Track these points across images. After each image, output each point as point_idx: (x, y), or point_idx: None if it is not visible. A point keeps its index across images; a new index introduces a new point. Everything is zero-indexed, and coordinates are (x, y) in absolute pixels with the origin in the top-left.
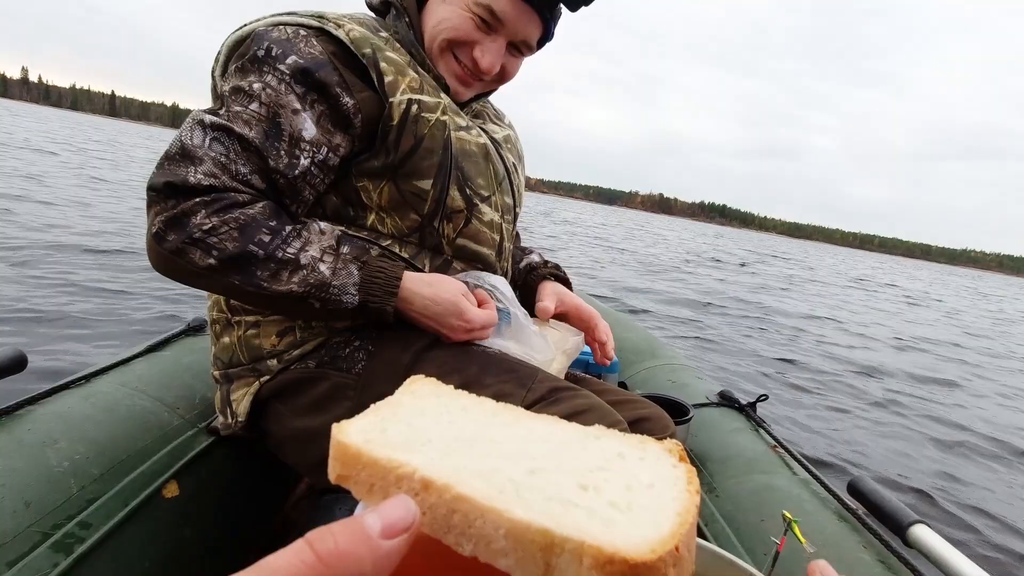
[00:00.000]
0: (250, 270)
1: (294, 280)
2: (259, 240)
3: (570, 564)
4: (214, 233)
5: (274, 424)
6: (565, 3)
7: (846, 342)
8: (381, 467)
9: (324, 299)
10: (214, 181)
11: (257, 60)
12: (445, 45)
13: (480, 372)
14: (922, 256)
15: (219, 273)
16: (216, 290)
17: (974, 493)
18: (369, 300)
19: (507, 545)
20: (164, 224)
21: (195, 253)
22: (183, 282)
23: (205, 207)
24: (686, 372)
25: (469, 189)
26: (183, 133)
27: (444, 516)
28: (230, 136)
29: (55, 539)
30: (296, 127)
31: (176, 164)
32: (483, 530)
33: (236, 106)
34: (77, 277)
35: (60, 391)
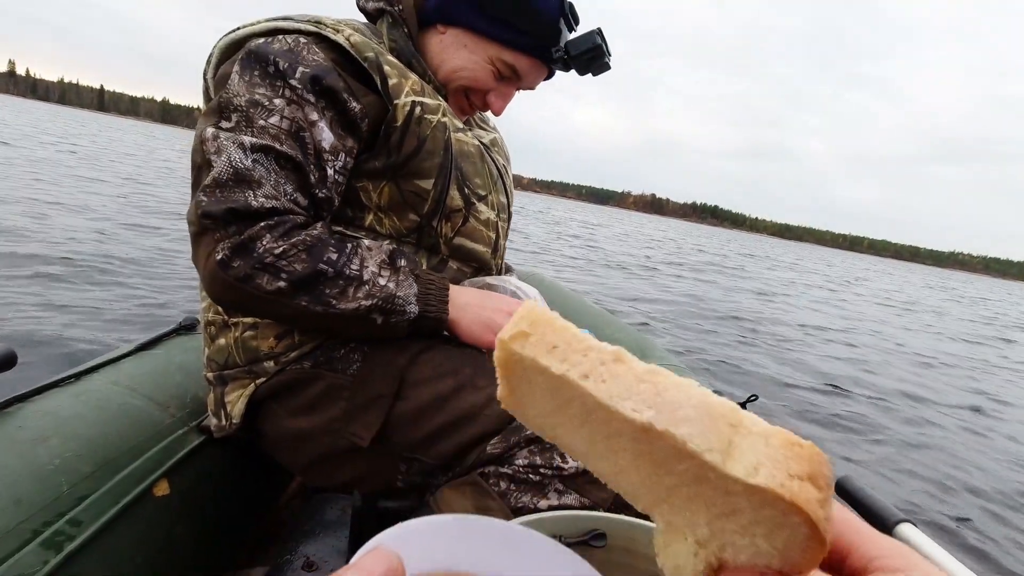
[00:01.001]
0: (318, 289)
1: (360, 295)
2: (328, 259)
3: (755, 443)
4: (284, 257)
5: (268, 424)
6: (578, 73)
7: (836, 342)
8: (572, 334)
9: (388, 311)
10: (276, 203)
11: (268, 75)
12: (460, 89)
13: (474, 373)
14: (911, 258)
15: (287, 296)
16: (278, 314)
17: (963, 492)
18: (427, 310)
19: (694, 413)
20: (230, 251)
21: (263, 278)
22: (244, 309)
23: (270, 231)
24: (677, 373)
25: (467, 188)
26: (231, 156)
27: (629, 383)
28: (269, 155)
29: (45, 536)
30: (317, 138)
31: (230, 190)
32: (674, 397)
33: (259, 120)
34: (68, 274)
35: (50, 388)
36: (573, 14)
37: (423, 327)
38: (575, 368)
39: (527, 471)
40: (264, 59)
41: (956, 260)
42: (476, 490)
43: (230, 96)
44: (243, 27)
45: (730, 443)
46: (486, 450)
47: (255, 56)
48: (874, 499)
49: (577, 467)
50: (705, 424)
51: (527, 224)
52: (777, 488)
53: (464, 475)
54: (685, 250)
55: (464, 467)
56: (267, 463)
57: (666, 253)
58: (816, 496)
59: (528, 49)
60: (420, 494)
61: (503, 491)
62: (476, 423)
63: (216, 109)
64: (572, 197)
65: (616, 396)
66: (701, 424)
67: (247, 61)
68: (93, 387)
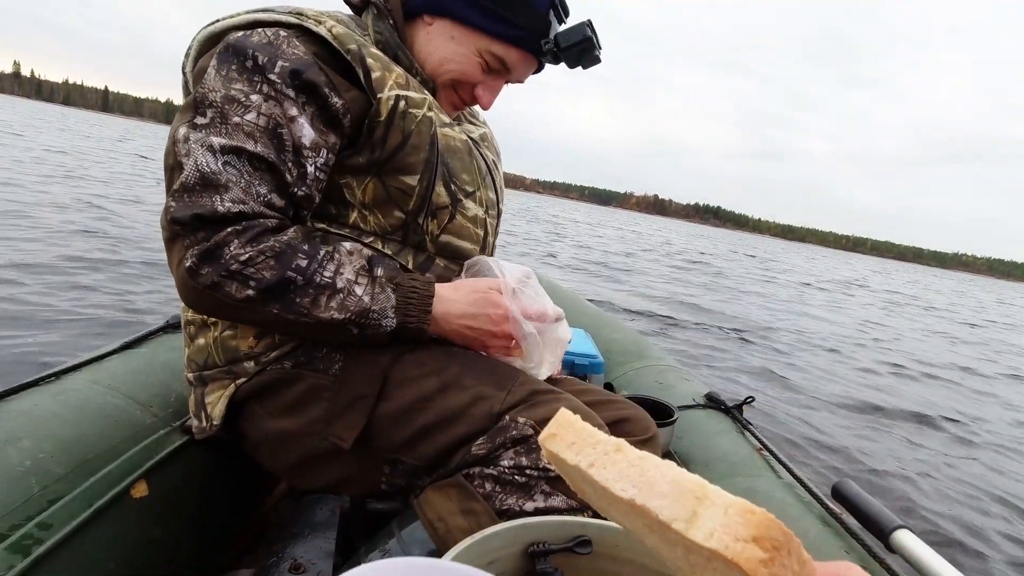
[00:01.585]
0: (289, 298)
1: (332, 305)
2: (296, 266)
3: (715, 513)
4: (251, 264)
5: (249, 426)
6: (568, 66)
7: (836, 344)
8: (588, 432)
9: (363, 324)
10: (243, 208)
11: (246, 70)
12: (448, 82)
13: (460, 373)
14: (914, 259)
15: (257, 304)
16: (253, 321)
17: (961, 500)
18: (407, 321)
19: (667, 490)
20: (198, 258)
21: (231, 286)
22: (217, 315)
23: (238, 236)
24: (674, 373)
25: (454, 185)
26: (197, 160)
27: (622, 468)
28: (240, 156)
29: (11, 540)
30: (297, 134)
31: (197, 195)
32: (654, 478)
33: (234, 117)
34: (55, 270)
35: (28, 388)
36: (563, 6)
37: (404, 338)
38: (585, 459)
39: (513, 472)
40: (242, 53)
41: (959, 261)
42: (461, 492)
43: (205, 91)
44: (222, 19)
45: (695, 513)
46: (471, 451)
47: (233, 50)
48: (871, 505)
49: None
50: (675, 498)
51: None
52: (723, 550)
53: (449, 476)
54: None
55: (449, 468)
56: (253, 465)
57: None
58: (758, 556)
59: (517, 41)
60: (405, 496)
61: (488, 493)
62: (461, 423)
63: (192, 105)
64: (574, 198)
65: (611, 479)
66: (672, 498)
67: (224, 55)
68: (73, 386)
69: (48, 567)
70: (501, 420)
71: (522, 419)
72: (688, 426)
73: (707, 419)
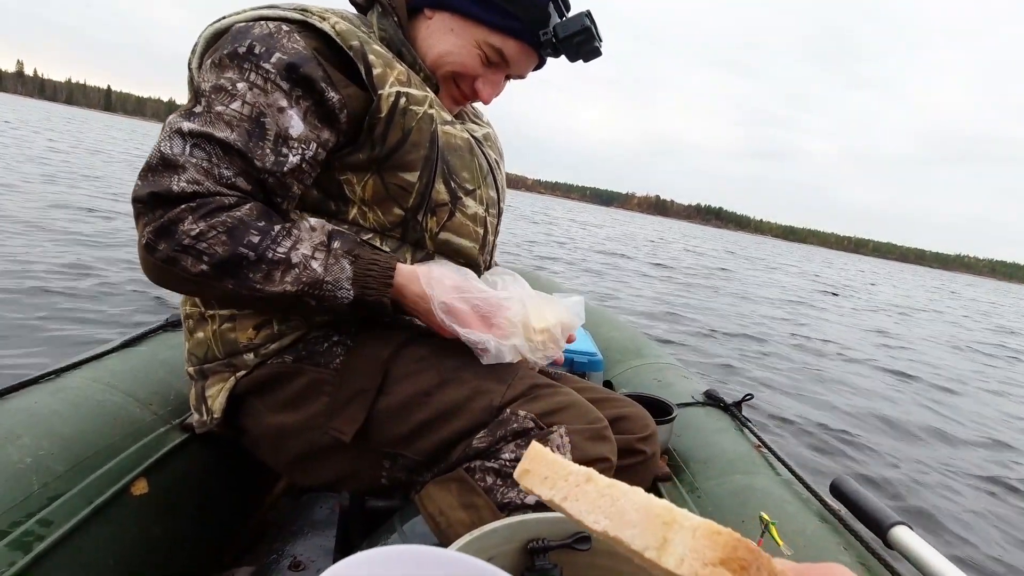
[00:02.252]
0: (242, 273)
1: (287, 280)
2: (248, 242)
3: (684, 537)
4: (203, 238)
5: (249, 421)
6: (568, 59)
7: (836, 341)
8: (559, 465)
9: (319, 296)
10: (197, 188)
11: (238, 57)
12: (448, 75)
13: (460, 367)
14: (916, 261)
15: (212, 279)
16: (212, 296)
17: (960, 496)
18: (366, 294)
19: (637, 518)
20: (153, 234)
21: (186, 260)
22: (179, 290)
23: (191, 213)
24: (673, 371)
25: (454, 182)
26: (162, 143)
27: (593, 500)
28: (210, 142)
29: (12, 537)
30: (283, 125)
31: (158, 175)
32: (623, 507)
33: (218, 106)
34: (54, 268)
35: (28, 386)
36: (564, 0)
37: (366, 310)
38: (558, 493)
39: (514, 465)
40: (240, 42)
41: (962, 263)
42: (462, 486)
43: (200, 82)
44: (229, 16)
45: (664, 539)
46: (472, 444)
47: (232, 39)
48: (869, 501)
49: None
50: (644, 526)
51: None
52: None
53: (450, 471)
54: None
55: (450, 463)
56: (254, 462)
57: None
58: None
59: (515, 32)
60: (406, 491)
61: (489, 486)
62: (461, 417)
63: (193, 96)
64: (576, 198)
65: (584, 512)
66: (641, 527)
67: (223, 45)
68: (72, 384)
69: (49, 564)
70: (502, 413)
71: (523, 412)
72: (687, 424)
73: (706, 417)
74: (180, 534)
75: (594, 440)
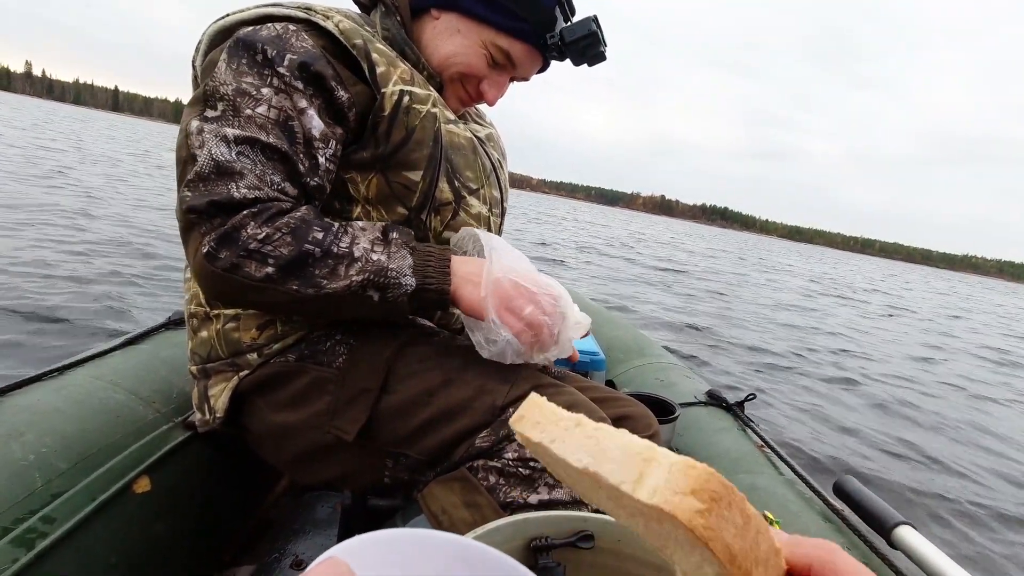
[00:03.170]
0: (307, 272)
1: (352, 272)
2: (313, 238)
3: (659, 472)
4: (268, 241)
5: (252, 419)
6: (573, 62)
7: (837, 343)
8: (551, 411)
9: (383, 286)
10: (258, 193)
11: (256, 64)
12: (455, 76)
13: (463, 366)
14: (923, 261)
15: (277, 282)
16: (272, 302)
17: (963, 494)
18: (427, 282)
19: (618, 455)
20: (216, 242)
21: (250, 265)
22: (237, 301)
23: (254, 219)
24: (675, 371)
25: (458, 181)
26: (211, 150)
27: (579, 440)
28: (254, 147)
29: (16, 534)
30: (307, 126)
31: (214, 183)
32: (607, 446)
33: (246, 110)
34: (56, 267)
35: (31, 383)
36: (569, 4)
37: (426, 301)
38: (547, 436)
39: (517, 465)
40: (252, 47)
41: (969, 263)
42: (464, 485)
43: (216, 85)
44: (232, 14)
45: (641, 475)
46: (475, 444)
47: (243, 44)
48: (873, 501)
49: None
50: (623, 462)
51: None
52: (662, 504)
53: (452, 470)
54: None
55: (452, 462)
56: (256, 460)
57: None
58: (695, 507)
59: (522, 34)
60: (408, 490)
61: (492, 485)
62: (464, 417)
63: (202, 98)
64: (581, 198)
65: (569, 452)
66: (620, 462)
67: (234, 49)
68: (75, 382)
69: (51, 560)
70: (505, 413)
71: None
72: (690, 423)
73: (709, 416)
74: (182, 532)
75: None
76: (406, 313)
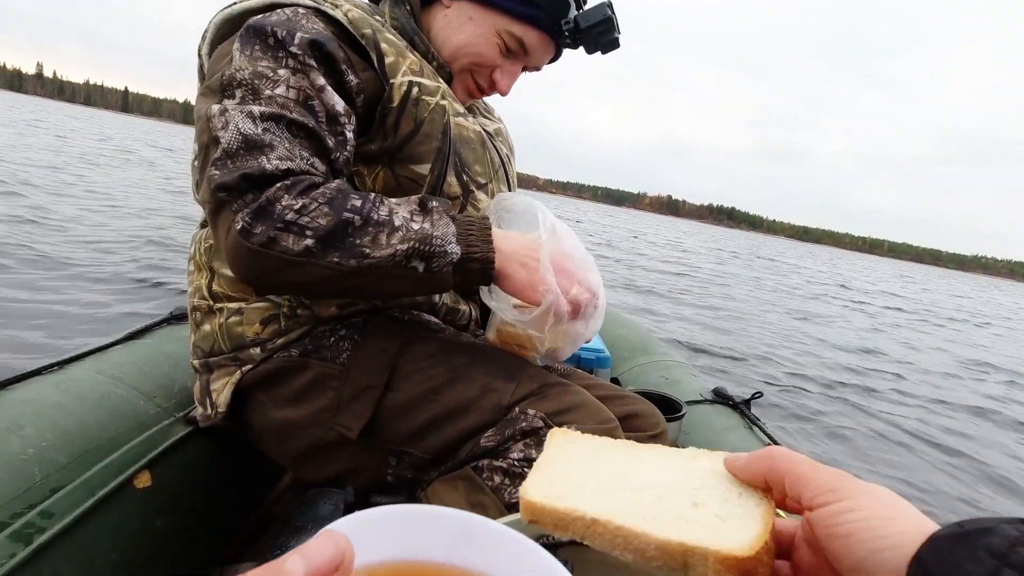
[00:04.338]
0: (348, 241)
1: (394, 241)
2: (352, 206)
3: (701, 564)
4: (305, 212)
5: (254, 415)
6: (587, 50)
7: (846, 341)
8: (560, 514)
9: (429, 254)
10: (290, 164)
11: (269, 48)
12: (466, 67)
13: (469, 364)
14: (932, 262)
15: (316, 255)
16: (311, 279)
17: (971, 498)
18: (471, 251)
19: (656, 555)
20: (251, 216)
21: (288, 239)
22: (274, 281)
23: (287, 191)
24: (680, 369)
25: (466, 175)
26: (239, 126)
27: (609, 539)
28: (280, 123)
29: (14, 528)
30: (328, 103)
31: (243, 157)
32: (640, 546)
33: (266, 91)
34: (59, 261)
35: (31, 377)
36: None
37: (470, 273)
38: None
39: (523, 465)
40: (262, 32)
41: (979, 264)
42: (469, 484)
43: (233, 72)
44: (239, 2)
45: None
46: (480, 443)
47: (254, 30)
48: None
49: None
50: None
51: None
52: None
53: (457, 469)
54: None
55: (457, 461)
56: (257, 456)
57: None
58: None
59: (536, 21)
60: (411, 489)
61: (497, 485)
62: (469, 416)
63: (218, 88)
64: (587, 198)
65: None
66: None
67: (246, 37)
68: (76, 376)
69: (50, 555)
70: (510, 412)
71: (532, 411)
72: (696, 421)
73: (715, 414)
74: (183, 528)
75: None
76: (448, 286)
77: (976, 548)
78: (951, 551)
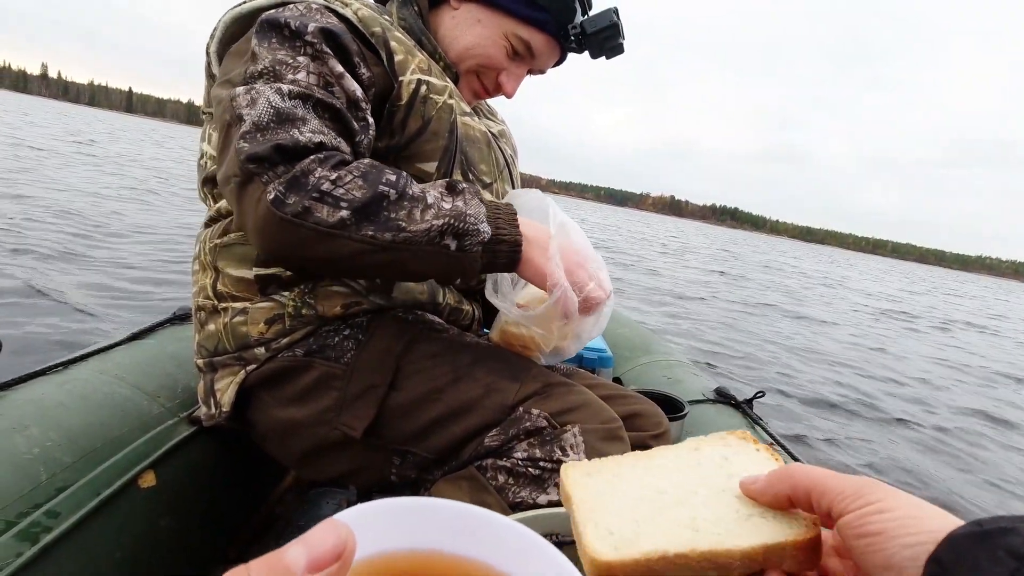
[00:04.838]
0: (383, 214)
1: (428, 215)
2: (387, 180)
3: (778, 557)
4: (340, 183)
5: (258, 414)
6: (592, 55)
7: (848, 342)
8: (640, 562)
9: (462, 232)
10: (323, 138)
11: (286, 39)
12: (473, 68)
13: (472, 364)
14: (936, 262)
15: (351, 227)
16: (341, 254)
17: (975, 498)
18: (499, 233)
19: (740, 563)
20: (284, 186)
21: (322, 209)
22: (301, 254)
23: (320, 164)
24: (682, 368)
25: (472, 175)
26: (269, 98)
27: (696, 567)
28: (307, 102)
29: (20, 528)
30: (349, 88)
31: (274, 130)
32: (724, 561)
33: (289, 75)
34: (63, 260)
35: (35, 377)
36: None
37: (498, 255)
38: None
39: (527, 464)
40: (277, 24)
41: (983, 264)
42: (473, 484)
43: (254, 64)
44: (248, 0)
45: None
46: (484, 442)
47: (268, 24)
48: None
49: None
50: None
51: None
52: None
53: (461, 468)
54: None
55: (461, 460)
56: (261, 455)
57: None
58: None
59: (543, 25)
60: (415, 489)
61: (501, 485)
62: (473, 415)
63: (240, 80)
64: (590, 199)
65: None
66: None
67: (262, 32)
68: (80, 376)
69: (55, 555)
70: (514, 412)
71: (536, 411)
72: (698, 421)
73: (717, 414)
74: (187, 527)
75: (608, 440)
76: (477, 268)
77: (996, 548)
78: (970, 550)
